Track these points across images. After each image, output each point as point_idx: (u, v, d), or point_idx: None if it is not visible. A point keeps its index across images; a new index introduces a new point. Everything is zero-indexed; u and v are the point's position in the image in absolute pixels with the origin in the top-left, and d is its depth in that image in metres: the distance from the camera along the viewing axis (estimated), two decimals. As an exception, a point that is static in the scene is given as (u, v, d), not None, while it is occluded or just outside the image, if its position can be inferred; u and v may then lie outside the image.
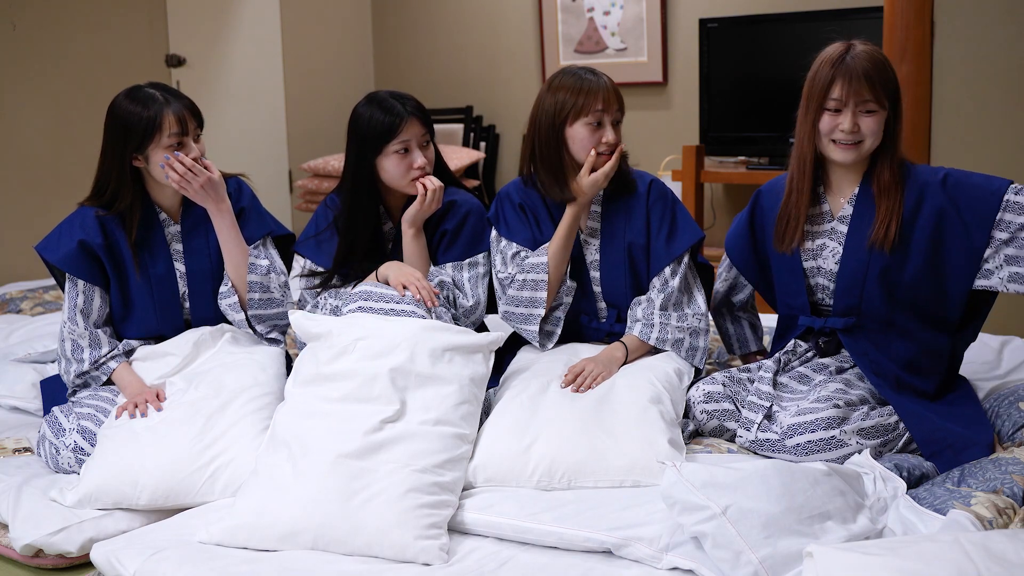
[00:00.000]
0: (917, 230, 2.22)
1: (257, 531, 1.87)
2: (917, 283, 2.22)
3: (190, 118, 2.37)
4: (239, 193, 2.55)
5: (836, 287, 2.29)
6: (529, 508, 1.90)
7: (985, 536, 1.58)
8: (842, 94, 2.17)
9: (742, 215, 2.51)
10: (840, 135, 2.19)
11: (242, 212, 2.53)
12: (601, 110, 2.35)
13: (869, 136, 2.20)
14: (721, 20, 4.50)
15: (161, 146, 2.34)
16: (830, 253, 2.31)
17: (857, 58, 2.17)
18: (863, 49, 2.19)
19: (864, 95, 2.16)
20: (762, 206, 2.45)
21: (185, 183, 2.35)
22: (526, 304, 2.41)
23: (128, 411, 2.23)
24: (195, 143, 2.39)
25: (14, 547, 1.98)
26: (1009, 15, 3.04)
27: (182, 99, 2.39)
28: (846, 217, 2.29)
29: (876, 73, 2.17)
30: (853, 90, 2.16)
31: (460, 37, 5.62)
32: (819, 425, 2.11)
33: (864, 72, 2.16)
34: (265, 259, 2.48)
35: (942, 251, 2.21)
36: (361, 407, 2.01)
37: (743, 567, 1.64)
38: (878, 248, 2.21)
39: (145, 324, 2.49)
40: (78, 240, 2.40)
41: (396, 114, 2.41)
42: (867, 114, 2.18)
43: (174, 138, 2.34)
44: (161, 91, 2.37)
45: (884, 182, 2.22)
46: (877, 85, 2.17)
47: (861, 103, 2.17)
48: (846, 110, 2.18)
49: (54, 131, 4.62)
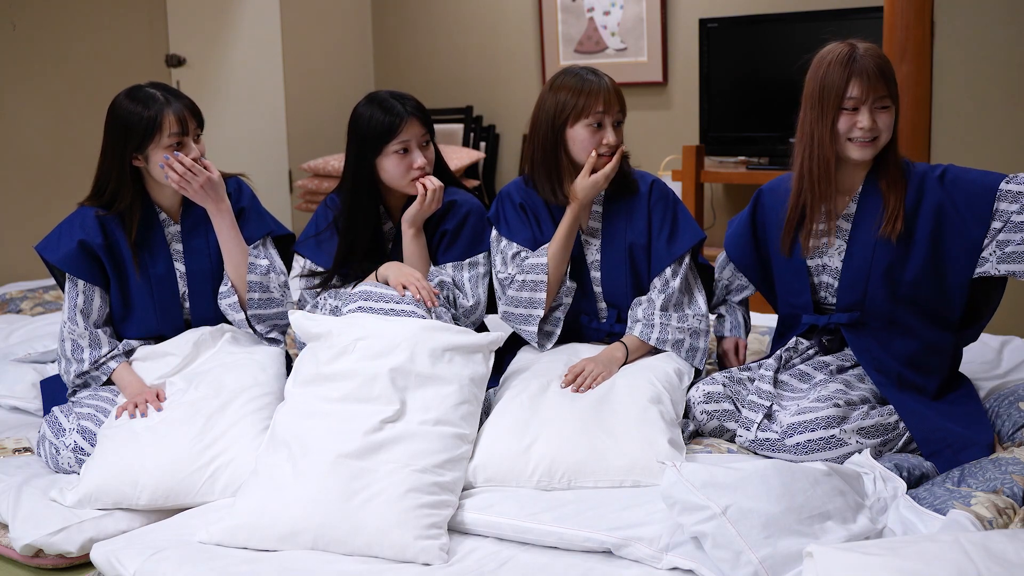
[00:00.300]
0: (918, 227, 2.23)
1: (257, 531, 1.87)
2: (919, 279, 2.23)
3: (190, 118, 2.37)
4: (239, 193, 2.55)
5: (840, 283, 2.30)
6: (529, 508, 1.90)
7: (985, 536, 1.58)
8: (860, 92, 2.18)
9: (742, 216, 2.50)
10: (858, 133, 2.20)
11: (242, 212, 2.53)
12: (602, 112, 2.35)
13: (885, 131, 2.22)
14: (721, 20, 4.50)
15: (161, 146, 2.34)
16: (835, 251, 2.31)
17: (867, 56, 2.19)
18: (867, 47, 2.21)
19: (880, 91, 2.19)
20: (764, 205, 2.45)
21: (184, 183, 2.35)
22: (525, 305, 2.41)
23: (128, 411, 2.23)
24: (195, 143, 2.39)
25: (14, 547, 1.98)
26: (1009, 15, 3.05)
27: (182, 99, 2.39)
28: (850, 215, 2.30)
29: (888, 69, 2.20)
30: (871, 87, 2.18)
31: (460, 37, 5.62)
32: (819, 424, 2.11)
33: (878, 69, 2.18)
34: (265, 259, 2.48)
35: (942, 247, 2.23)
36: (361, 407, 2.01)
37: (743, 567, 1.64)
38: (886, 239, 2.22)
39: (145, 324, 2.49)
40: (78, 240, 2.40)
41: (396, 114, 2.41)
42: (883, 110, 2.20)
43: (174, 138, 2.34)
44: (162, 91, 2.37)
45: (892, 176, 2.25)
46: (890, 81, 2.20)
47: (878, 99, 2.19)
48: (864, 108, 2.19)
49: (54, 131, 4.62)
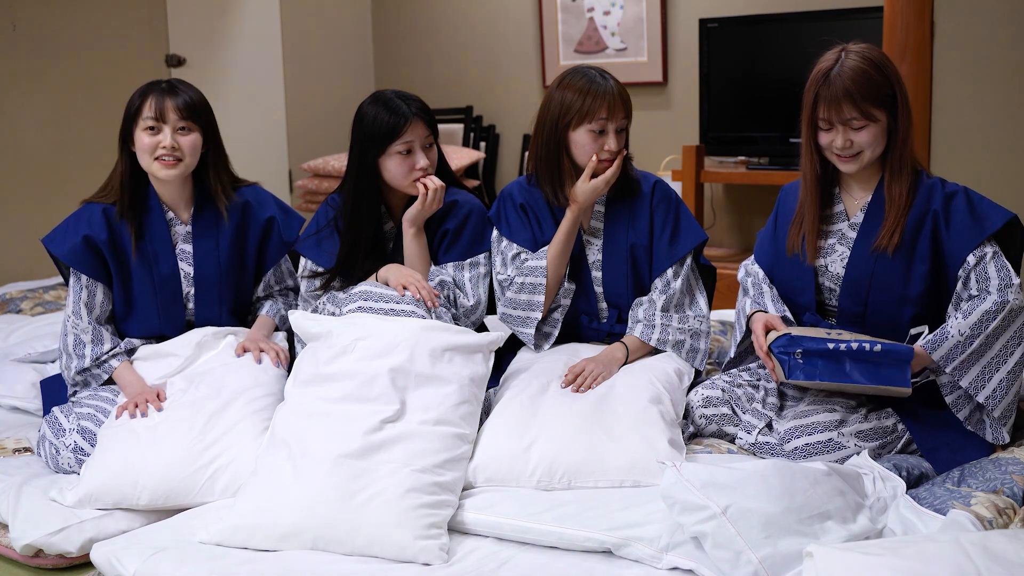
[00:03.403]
0: (919, 241, 2.19)
1: (257, 531, 1.87)
2: (922, 294, 2.19)
3: (172, 109, 2.38)
4: (260, 204, 2.58)
5: (840, 292, 2.27)
6: (529, 508, 1.90)
7: (985, 536, 1.58)
8: (827, 114, 2.14)
9: (769, 219, 2.47)
10: (836, 150, 2.18)
11: (272, 223, 2.57)
12: (605, 118, 2.33)
13: (867, 148, 2.16)
14: (721, 20, 4.49)
15: (140, 129, 2.37)
16: (838, 257, 2.28)
17: (841, 76, 2.11)
18: (850, 63, 2.12)
19: (846, 114, 2.12)
20: (781, 203, 2.42)
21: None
22: (523, 307, 2.41)
23: (128, 410, 2.23)
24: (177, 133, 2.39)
25: (14, 547, 1.98)
26: (1009, 15, 3.05)
27: (173, 90, 2.41)
28: (857, 224, 2.26)
29: (858, 89, 2.10)
30: (835, 110, 2.12)
31: (460, 37, 5.62)
32: (817, 428, 2.11)
33: (844, 92, 2.10)
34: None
35: (941, 262, 2.19)
36: (361, 407, 2.01)
37: (743, 567, 1.64)
38: (882, 251, 2.19)
39: (147, 323, 2.49)
40: (83, 235, 2.41)
41: (401, 115, 2.41)
42: (856, 130, 2.14)
43: (148, 122, 2.37)
44: (167, 83, 2.43)
45: (899, 187, 2.18)
46: (860, 101, 2.11)
47: (846, 121, 2.13)
48: (835, 128, 2.15)
49: (54, 131, 4.62)
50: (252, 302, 2.63)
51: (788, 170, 4.11)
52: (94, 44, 4.72)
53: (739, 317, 2.41)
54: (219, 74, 5.21)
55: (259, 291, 2.62)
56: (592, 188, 2.36)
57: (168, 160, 2.38)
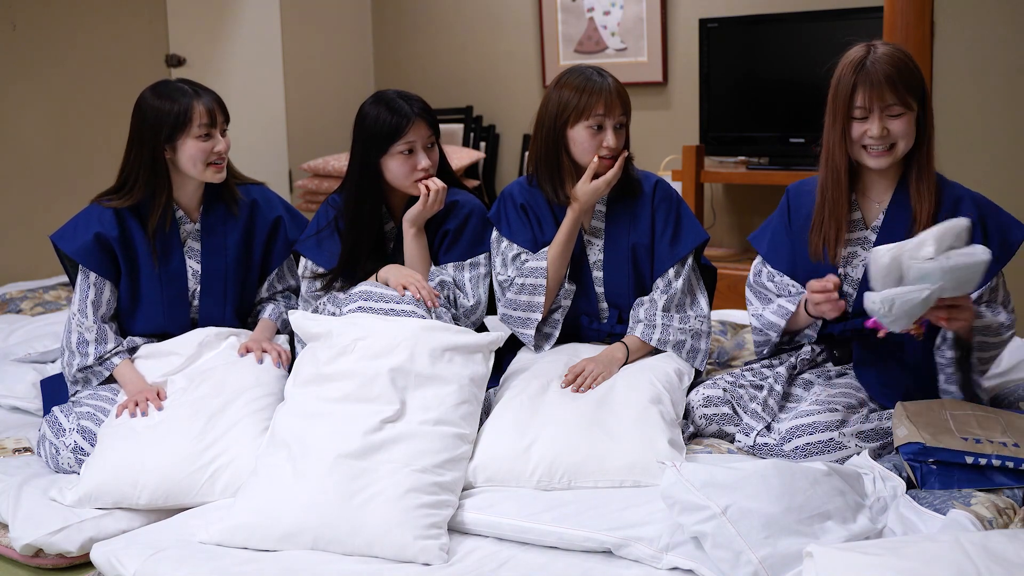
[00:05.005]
0: None
1: (257, 531, 1.87)
2: None
3: (218, 111, 2.43)
4: (268, 204, 2.60)
5: (857, 298, 2.23)
6: (529, 508, 1.90)
7: (985, 536, 1.58)
8: (865, 101, 2.11)
9: (774, 222, 2.41)
10: (870, 141, 2.14)
11: (279, 223, 2.58)
12: (602, 114, 2.33)
13: (901, 139, 2.14)
14: (721, 20, 4.49)
15: (191, 136, 2.38)
16: (860, 262, 2.25)
17: (878, 62, 2.11)
18: (883, 51, 2.13)
19: (887, 99, 2.11)
20: (792, 206, 2.37)
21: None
22: (523, 308, 2.41)
23: (128, 409, 2.23)
24: (222, 136, 2.44)
25: (14, 547, 1.98)
26: (1009, 15, 3.05)
27: (211, 92, 2.45)
28: (878, 227, 2.24)
29: (898, 75, 2.11)
30: (876, 95, 2.10)
31: (460, 37, 5.62)
32: (818, 428, 2.11)
33: (885, 76, 2.10)
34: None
35: None
36: (361, 407, 2.01)
37: (743, 567, 1.64)
38: None
39: (152, 320, 2.50)
40: (94, 232, 2.42)
41: (403, 115, 2.41)
42: (894, 117, 2.13)
43: (203, 129, 2.38)
44: (189, 85, 2.45)
45: (922, 189, 2.17)
46: (900, 87, 2.11)
47: (885, 108, 2.12)
48: (872, 116, 2.12)
49: (54, 131, 4.62)
50: (255, 303, 2.63)
51: (788, 170, 4.11)
52: (94, 44, 4.72)
53: (768, 317, 2.34)
54: (219, 74, 5.21)
55: (263, 291, 2.63)
56: (593, 189, 2.36)
57: (220, 164, 2.43)
